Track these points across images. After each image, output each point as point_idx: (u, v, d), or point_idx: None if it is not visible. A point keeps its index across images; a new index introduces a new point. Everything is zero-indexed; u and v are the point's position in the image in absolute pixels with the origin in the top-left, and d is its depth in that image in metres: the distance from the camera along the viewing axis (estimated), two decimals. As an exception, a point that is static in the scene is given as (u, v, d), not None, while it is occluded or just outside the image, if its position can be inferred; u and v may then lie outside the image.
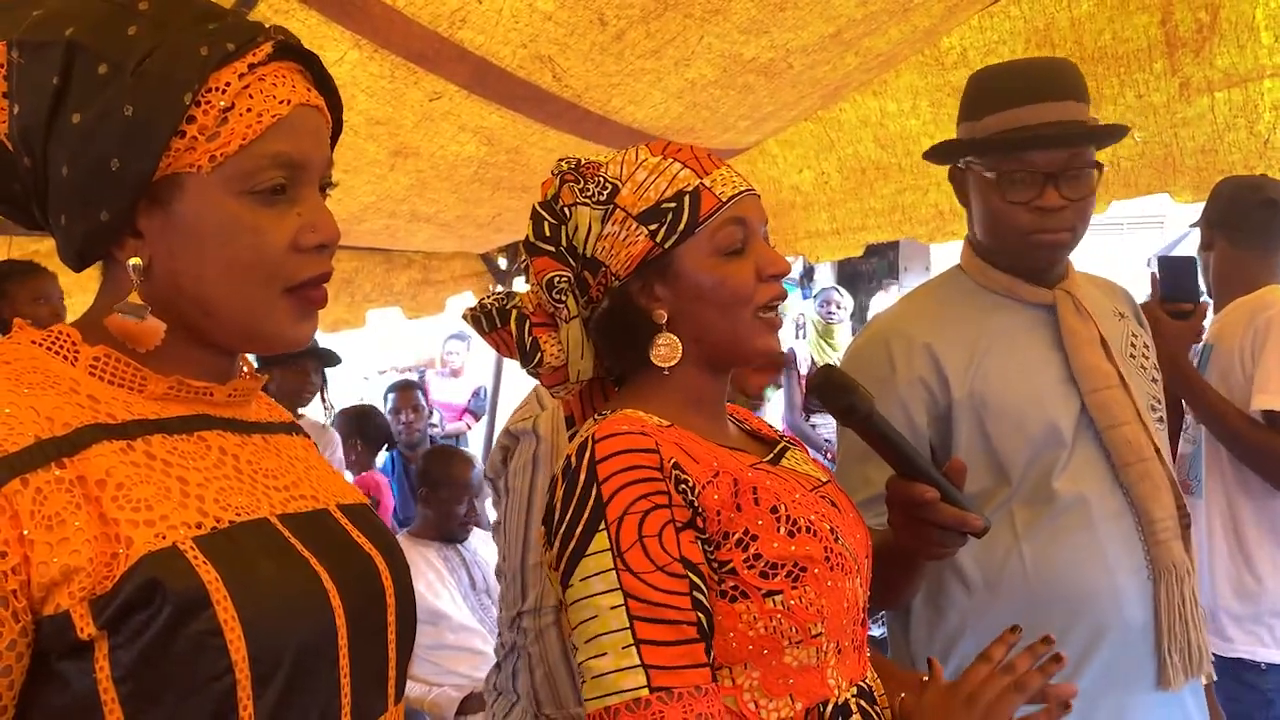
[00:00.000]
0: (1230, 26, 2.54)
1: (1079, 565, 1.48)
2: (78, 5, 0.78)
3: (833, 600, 1.01)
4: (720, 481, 1.00)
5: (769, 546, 0.99)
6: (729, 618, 0.98)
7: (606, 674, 0.93)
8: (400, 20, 1.98)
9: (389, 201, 2.98)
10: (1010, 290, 1.57)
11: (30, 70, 0.76)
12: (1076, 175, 1.48)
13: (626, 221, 1.05)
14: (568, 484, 0.99)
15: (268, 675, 0.73)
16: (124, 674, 0.69)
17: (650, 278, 1.06)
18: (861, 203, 3.32)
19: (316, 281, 0.83)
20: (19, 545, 0.67)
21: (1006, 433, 1.50)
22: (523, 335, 1.09)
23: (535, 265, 1.08)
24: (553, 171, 1.11)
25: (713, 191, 1.05)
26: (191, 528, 0.73)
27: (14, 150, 0.79)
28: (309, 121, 0.82)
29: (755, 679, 0.99)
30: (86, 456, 0.71)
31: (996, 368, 1.53)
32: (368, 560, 0.86)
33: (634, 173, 1.07)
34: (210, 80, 0.77)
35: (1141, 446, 1.49)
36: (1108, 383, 1.51)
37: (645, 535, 0.95)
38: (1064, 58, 1.66)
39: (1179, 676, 1.48)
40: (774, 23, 2.29)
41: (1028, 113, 1.48)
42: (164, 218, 0.78)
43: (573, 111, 2.50)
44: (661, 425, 1.03)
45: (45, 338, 0.79)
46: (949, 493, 1.10)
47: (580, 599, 0.96)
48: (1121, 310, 1.67)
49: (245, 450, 0.85)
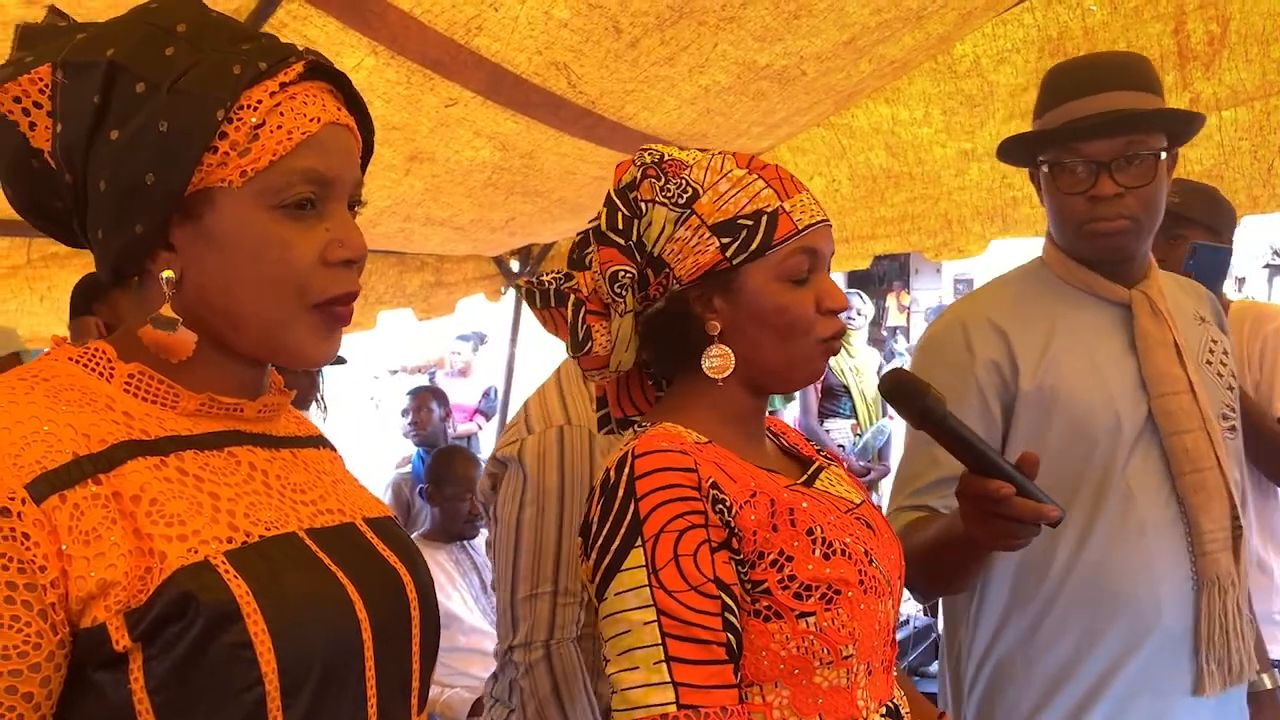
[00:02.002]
0: (1240, 39, 2.54)
1: (1124, 570, 1.48)
2: (120, 28, 0.80)
3: (865, 623, 1.02)
4: (758, 502, 1.01)
5: (804, 568, 0.99)
6: (761, 636, 0.99)
7: (636, 688, 0.94)
8: (417, 27, 1.99)
9: (404, 205, 2.99)
10: (1088, 285, 1.56)
11: (73, 89, 0.78)
12: (1132, 162, 1.47)
13: (700, 230, 1.05)
14: (606, 498, 1.00)
15: (296, 686, 0.74)
16: (158, 685, 0.71)
17: (711, 289, 1.07)
18: (871, 211, 3.31)
19: (343, 299, 0.84)
20: (58, 560, 0.69)
21: (1071, 429, 1.50)
22: (577, 322, 1.09)
23: (601, 255, 1.07)
24: (634, 160, 1.10)
25: (791, 217, 1.05)
26: (222, 542, 0.75)
27: (57, 167, 0.81)
28: (339, 139, 0.84)
29: (785, 698, 1.00)
30: (122, 472, 0.73)
31: (1068, 362, 1.52)
32: (393, 573, 0.88)
33: (717, 182, 1.07)
34: (242, 98, 0.78)
35: (1200, 456, 1.48)
36: (1175, 388, 1.49)
37: (680, 554, 0.96)
38: (1134, 52, 1.64)
39: (1215, 685, 1.47)
40: (788, 30, 2.30)
41: (1078, 105, 1.49)
42: (196, 231, 0.80)
43: (587, 118, 2.52)
44: (700, 442, 1.04)
45: (82, 355, 0.81)
46: (1024, 486, 1.09)
47: (614, 613, 0.97)
48: (1204, 315, 1.65)
49: (274, 465, 0.86)
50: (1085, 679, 1.50)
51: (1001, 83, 2.85)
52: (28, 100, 0.80)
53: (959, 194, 3.14)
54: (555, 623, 1.55)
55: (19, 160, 0.82)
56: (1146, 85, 1.51)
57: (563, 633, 1.55)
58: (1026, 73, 2.80)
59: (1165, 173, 1.52)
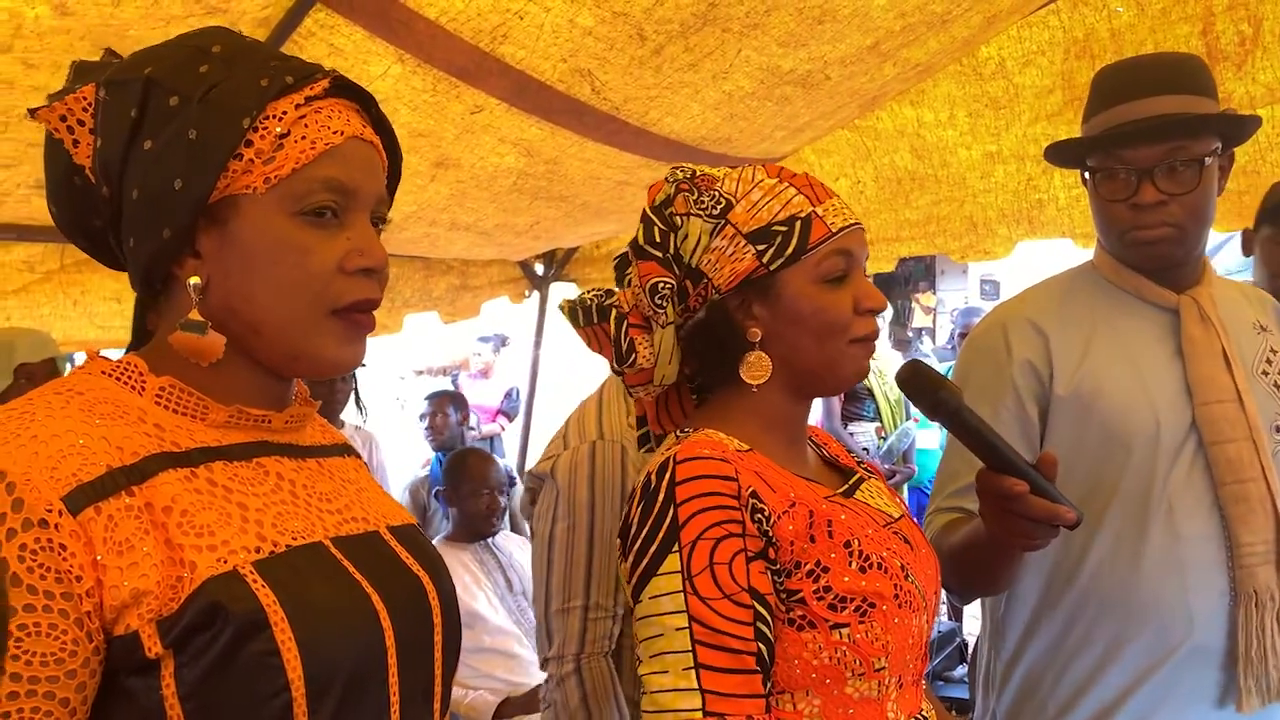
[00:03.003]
0: (1274, 39, 2.51)
1: (1155, 581, 1.45)
2: (161, 50, 0.84)
3: (898, 636, 1.02)
4: (796, 512, 1.02)
5: (840, 580, 1.00)
6: (795, 645, 1.00)
7: (665, 691, 0.96)
8: (443, 36, 2.01)
9: (430, 210, 3.02)
10: (1136, 290, 1.54)
11: (113, 104, 0.82)
12: (1176, 169, 1.44)
13: (736, 238, 1.07)
14: (646, 501, 1.02)
15: (322, 693, 0.76)
16: (188, 691, 0.73)
17: (750, 296, 1.09)
18: (896, 214, 3.30)
19: (364, 306, 0.86)
20: (93, 570, 0.71)
21: (1107, 434, 1.48)
22: (620, 336, 1.11)
23: (641, 269, 1.10)
24: (667, 178, 1.12)
25: (824, 220, 1.07)
26: (251, 552, 0.77)
27: (96, 181, 0.84)
28: (361, 152, 0.86)
29: (816, 706, 1.01)
30: (154, 484, 0.75)
31: (1108, 366, 1.50)
32: (415, 581, 0.89)
33: (749, 191, 1.09)
34: (269, 109, 0.81)
35: (1244, 466, 1.44)
36: (1221, 396, 1.46)
37: (716, 562, 0.97)
38: (1186, 52, 1.61)
39: (1253, 701, 1.44)
40: (811, 36, 2.30)
41: (1123, 110, 1.48)
42: (221, 237, 0.82)
43: (611, 123, 2.53)
44: (741, 450, 1.05)
45: (115, 369, 0.83)
46: (1040, 485, 1.09)
47: (649, 616, 0.99)
48: (1265, 323, 1.60)
49: (301, 475, 0.88)
50: (1107, 690, 1.49)
51: (1027, 85, 2.84)
52: (72, 118, 0.83)
53: (984, 196, 3.13)
54: (586, 637, 1.57)
55: (64, 178, 0.85)
56: (1196, 88, 1.48)
57: (594, 647, 1.57)
58: (1052, 75, 2.78)
59: (1214, 178, 1.49)
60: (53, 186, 0.87)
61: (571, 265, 4.29)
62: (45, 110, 0.83)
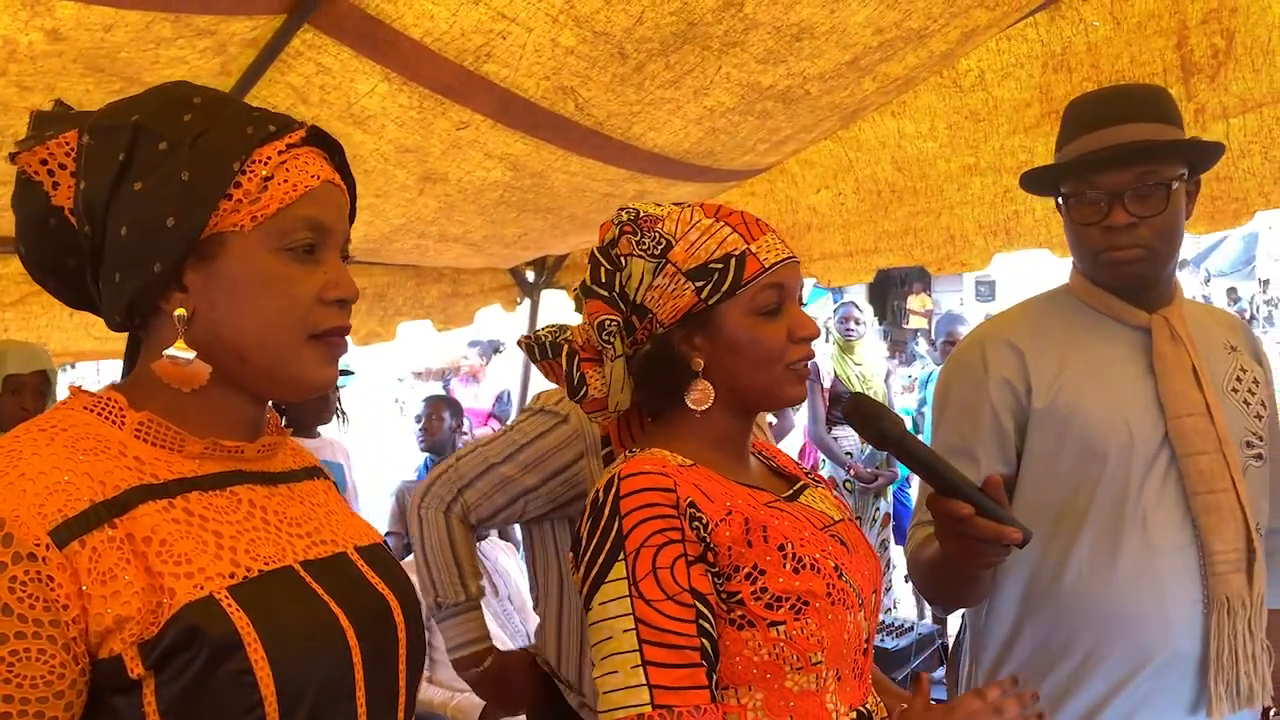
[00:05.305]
0: (1245, 51, 2.56)
1: (1132, 591, 1.50)
2: (142, 99, 0.90)
3: (833, 632, 1.09)
4: (732, 520, 1.09)
5: (775, 581, 1.07)
6: (735, 643, 1.07)
7: (616, 690, 1.03)
8: (428, 55, 2.06)
9: (418, 223, 3.07)
10: (1109, 310, 1.60)
11: (98, 149, 0.87)
12: (1146, 192, 1.50)
13: (676, 276, 1.15)
14: (594, 515, 1.09)
15: (293, 708, 0.82)
16: (168, 708, 0.78)
17: (692, 329, 1.16)
18: (875, 225, 3.33)
19: (339, 332, 0.93)
20: (79, 599, 0.76)
21: (1083, 447, 1.53)
22: (571, 370, 1.19)
23: (589, 307, 1.18)
24: (613, 220, 1.20)
25: (757, 257, 1.14)
26: (225, 578, 0.82)
27: (76, 221, 0.89)
28: (334, 196, 0.93)
29: (759, 700, 1.08)
30: (134, 516, 0.81)
31: (1083, 382, 1.56)
32: (381, 599, 0.95)
33: (687, 232, 1.16)
34: (255, 154, 0.88)
35: (1215, 478, 1.50)
36: (1191, 410, 1.52)
37: (659, 567, 1.04)
38: (1153, 85, 1.68)
39: (1224, 707, 1.48)
40: (790, 52, 2.34)
41: (1094, 138, 1.54)
42: (208, 272, 0.88)
43: (595, 138, 2.57)
44: (684, 465, 1.13)
45: (95, 403, 0.88)
46: (985, 507, 1.15)
47: (599, 620, 1.06)
48: (1234, 344, 1.66)
49: (273, 501, 0.94)
50: (1085, 699, 1.53)
51: (1005, 98, 2.88)
52: (53, 162, 0.88)
53: (961, 208, 3.17)
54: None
55: (38, 219, 0.90)
56: (1163, 116, 1.54)
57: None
58: (1030, 88, 2.82)
59: (1181, 202, 1.54)
60: (24, 226, 0.92)
61: (562, 272, 4.33)
62: (26, 154, 0.89)
